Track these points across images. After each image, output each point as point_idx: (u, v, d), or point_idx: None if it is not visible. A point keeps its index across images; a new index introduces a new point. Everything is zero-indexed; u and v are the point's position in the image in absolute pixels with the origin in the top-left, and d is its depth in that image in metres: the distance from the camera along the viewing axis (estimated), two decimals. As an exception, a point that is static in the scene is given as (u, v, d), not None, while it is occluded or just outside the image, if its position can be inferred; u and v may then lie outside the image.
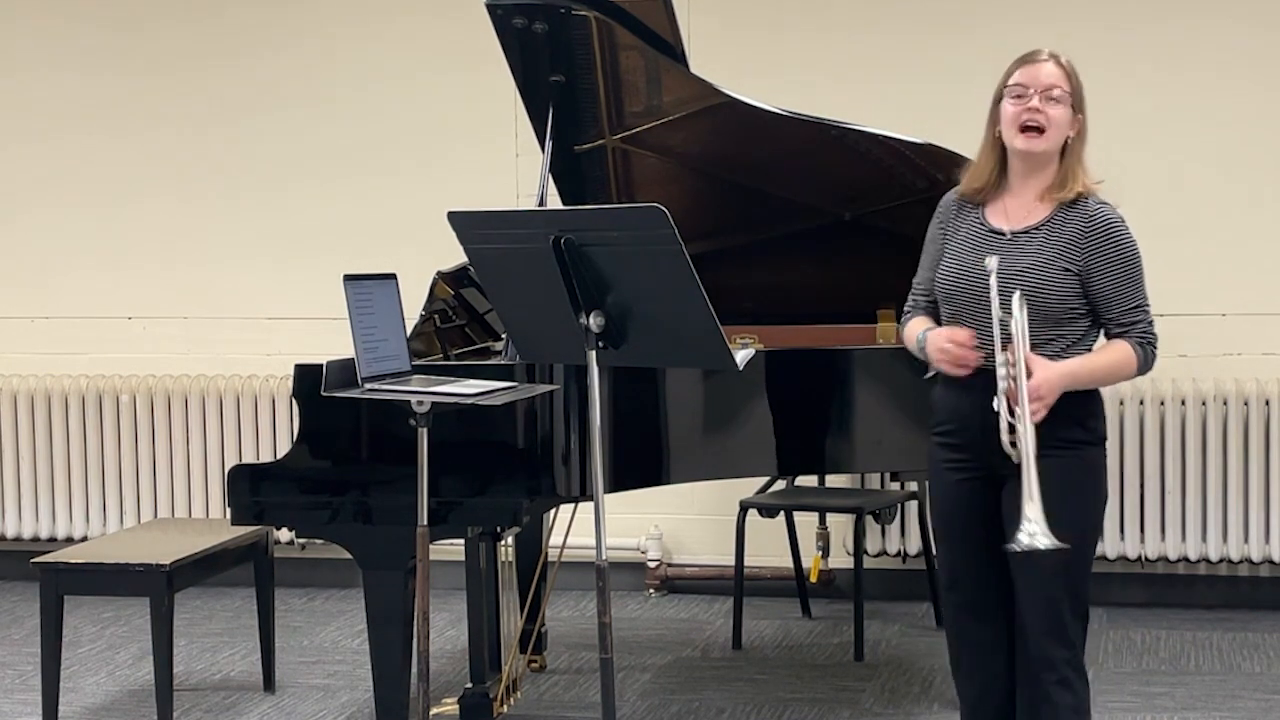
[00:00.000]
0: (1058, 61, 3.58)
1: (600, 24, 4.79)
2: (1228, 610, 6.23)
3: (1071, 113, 3.57)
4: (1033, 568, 3.52)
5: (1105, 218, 3.56)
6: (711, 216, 5.19)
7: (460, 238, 3.74)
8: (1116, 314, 3.56)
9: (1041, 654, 3.58)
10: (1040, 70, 3.56)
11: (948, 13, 6.35)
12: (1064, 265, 3.54)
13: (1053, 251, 3.55)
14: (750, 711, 5.14)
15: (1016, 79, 3.57)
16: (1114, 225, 3.56)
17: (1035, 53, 3.60)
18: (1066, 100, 3.55)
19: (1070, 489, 3.54)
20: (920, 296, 3.77)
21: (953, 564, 3.74)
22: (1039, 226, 3.57)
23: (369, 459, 4.39)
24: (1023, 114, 3.54)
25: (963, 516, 3.68)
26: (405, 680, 4.34)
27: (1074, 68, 3.59)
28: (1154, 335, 3.59)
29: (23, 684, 5.51)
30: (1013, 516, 3.54)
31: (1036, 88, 3.54)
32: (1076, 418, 3.55)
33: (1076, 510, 3.55)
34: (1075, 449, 3.56)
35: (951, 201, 3.74)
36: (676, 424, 4.59)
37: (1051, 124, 3.54)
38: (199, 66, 6.90)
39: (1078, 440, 3.56)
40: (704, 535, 6.61)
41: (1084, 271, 3.54)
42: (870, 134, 4.92)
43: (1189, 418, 6.17)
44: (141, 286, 6.98)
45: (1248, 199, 6.22)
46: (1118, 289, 3.55)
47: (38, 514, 6.97)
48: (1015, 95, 3.56)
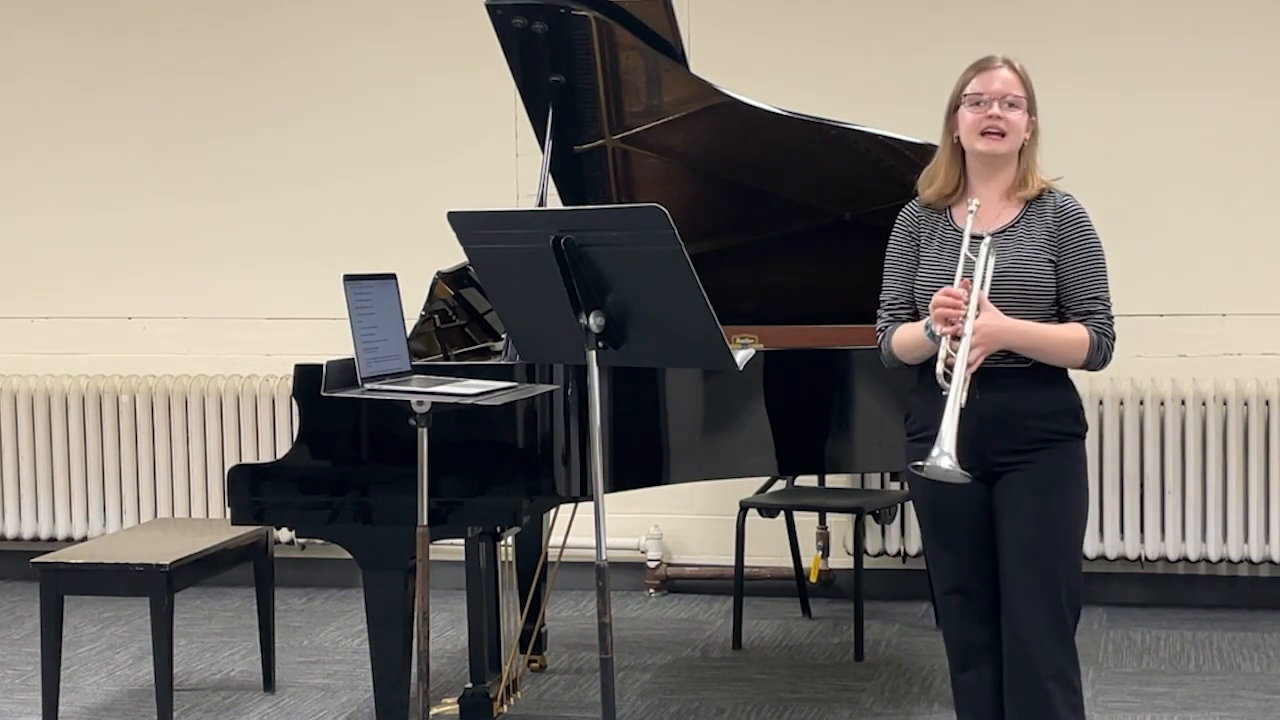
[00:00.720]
0: (1011, 67, 3.66)
1: (600, 24, 4.79)
2: (1228, 610, 6.23)
3: (1027, 116, 3.64)
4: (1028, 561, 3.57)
5: (1073, 208, 3.65)
6: (711, 216, 5.19)
7: (460, 238, 3.74)
8: (1075, 302, 3.61)
9: (1040, 649, 3.59)
10: (996, 77, 3.64)
11: (948, 13, 6.35)
12: (1047, 258, 3.61)
13: (1033, 247, 3.61)
14: (750, 711, 5.14)
15: (973, 87, 3.64)
16: (1080, 215, 3.65)
17: (989, 59, 3.68)
18: (1023, 104, 3.63)
19: (1065, 480, 3.62)
20: (899, 310, 3.75)
21: (945, 565, 3.75)
22: (1014, 225, 3.64)
23: (369, 459, 4.39)
24: (984, 120, 3.62)
25: (951, 516, 3.69)
26: (405, 680, 4.34)
27: (1027, 73, 3.67)
28: (1111, 330, 3.64)
29: (23, 684, 5.51)
30: (1019, 509, 3.58)
31: (993, 95, 3.61)
32: (1070, 411, 3.64)
33: (1070, 501, 3.63)
34: (1066, 441, 3.62)
35: (915, 211, 3.77)
36: (676, 424, 4.59)
37: (1011, 128, 3.62)
38: (199, 69, 6.90)
39: (1070, 433, 3.64)
40: (704, 535, 6.61)
41: (1056, 259, 3.62)
42: (870, 134, 4.93)
43: (1189, 418, 6.17)
44: (141, 286, 6.98)
45: (1248, 199, 6.21)
46: (1079, 277, 3.61)
47: (38, 514, 6.97)
48: (973, 103, 3.63)
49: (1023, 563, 3.59)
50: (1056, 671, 3.60)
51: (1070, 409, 3.64)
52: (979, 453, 3.57)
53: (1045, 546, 3.59)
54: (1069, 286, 3.61)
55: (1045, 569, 3.59)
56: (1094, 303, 3.61)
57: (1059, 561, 3.60)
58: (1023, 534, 3.59)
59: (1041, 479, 3.59)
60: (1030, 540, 3.59)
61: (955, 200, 3.70)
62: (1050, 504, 3.59)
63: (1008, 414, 3.58)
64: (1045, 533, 3.59)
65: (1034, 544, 3.59)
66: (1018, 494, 3.60)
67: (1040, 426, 3.58)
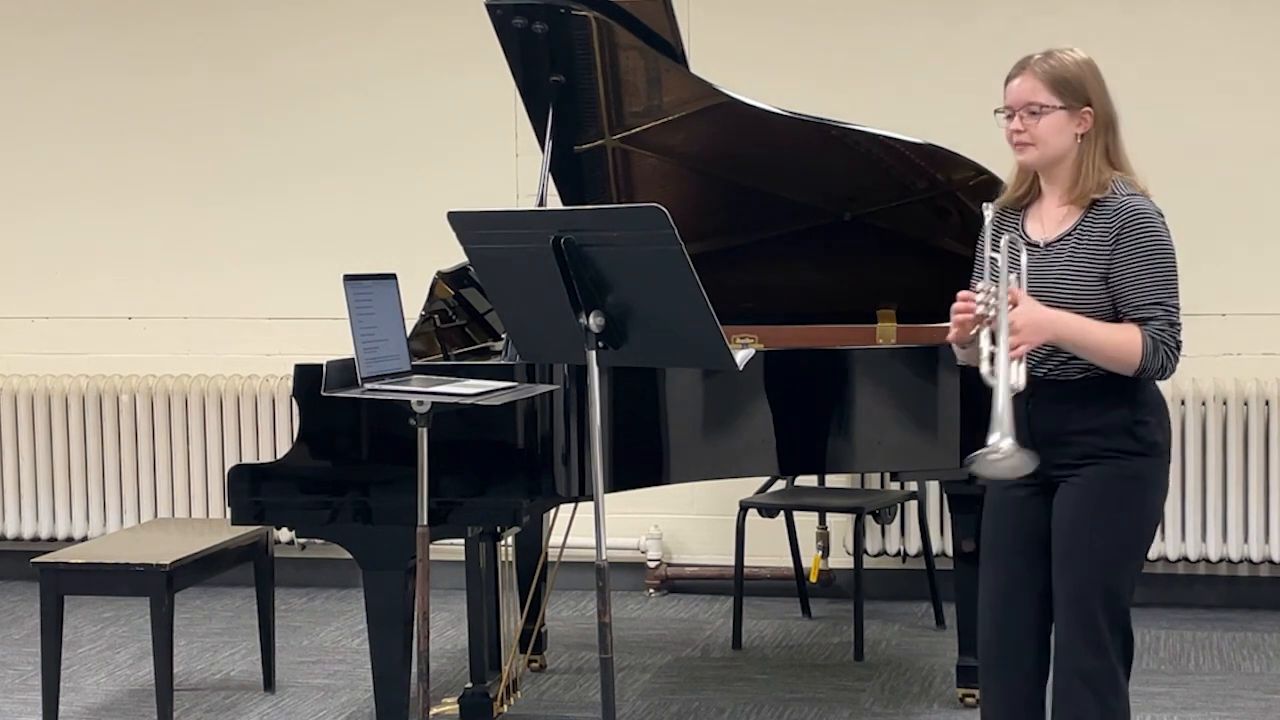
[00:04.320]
0: (1033, 72, 3.50)
1: (600, 24, 4.79)
2: (1228, 610, 6.23)
3: (1067, 114, 3.49)
4: (1072, 575, 3.47)
5: (1131, 208, 3.46)
6: (711, 216, 5.19)
7: (460, 238, 3.73)
8: (1131, 308, 3.42)
9: (1076, 664, 3.47)
10: (1011, 89, 3.52)
11: (949, 13, 6.35)
12: (1097, 273, 3.45)
13: (1083, 260, 3.46)
14: (750, 711, 5.14)
15: (1005, 99, 3.53)
16: (1140, 214, 3.45)
17: (1014, 67, 3.55)
18: (1051, 109, 3.48)
19: (1110, 495, 3.45)
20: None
21: (995, 571, 3.62)
22: (1070, 234, 3.50)
23: (369, 459, 4.39)
24: (1010, 134, 3.52)
25: (1010, 524, 3.58)
26: (405, 680, 4.34)
27: (1062, 67, 3.50)
28: (1172, 338, 3.44)
29: (23, 684, 5.51)
30: (1061, 520, 3.48)
31: (1015, 106, 3.51)
32: (1124, 425, 3.45)
33: (1110, 522, 3.46)
34: (1118, 459, 3.45)
35: (993, 214, 3.59)
36: (676, 424, 4.59)
37: (1038, 138, 3.49)
38: (198, 67, 6.90)
39: (1124, 450, 3.45)
40: (704, 535, 6.61)
41: (1108, 268, 3.45)
42: (870, 134, 4.92)
43: (1189, 418, 6.17)
44: (141, 286, 6.98)
45: (1248, 199, 6.21)
46: (1135, 279, 3.42)
47: (38, 514, 6.97)
48: (1006, 115, 3.53)
49: (1059, 574, 3.49)
50: (1095, 690, 3.45)
51: (1126, 425, 3.44)
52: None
53: (1078, 558, 3.45)
54: (1124, 292, 3.42)
55: (1078, 580, 3.46)
56: (1154, 308, 3.42)
57: (1094, 574, 3.44)
58: (1061, 545, 3.49)
59: (1087, 491, 3.44)
60: (1066, 551, 3.48)
61: (1029, 202, 3.59)
62: (1088, 519, 3.45)
63: (1055, 428, 3.46)
64: (1081, 545, 3.46)
65: (1069, 555, 3.47)
66: (1062, 506, 3.49)
67: (1089, 442, 3.44)
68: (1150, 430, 3.48)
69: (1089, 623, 3.46)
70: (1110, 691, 3.47)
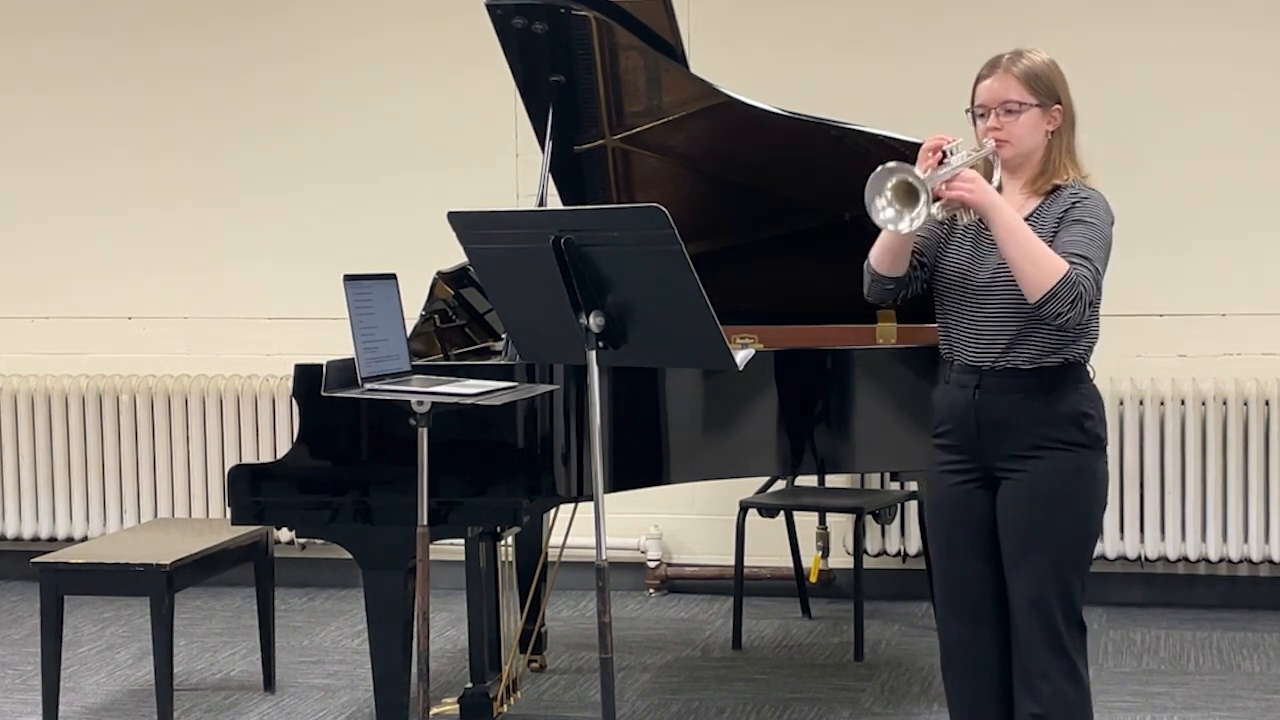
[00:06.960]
0: (1008, 72, 3.55)
1: (600, 24, 4.79)
2: (1228, 610, 6.23)
3: (1040, 111, 3.56)
4: (1028, 578, 3.52)
5: (1082, 195, 3.53)
6: (711, 216, 5.19)
7: (460, 238, 3.74)
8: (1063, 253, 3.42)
9: (1038, 665, 3.55)
10: (985, 88, 3.57)
11: (949, 13, 6.36)
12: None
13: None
14: (750, 711, 5.14)
15: (975, 99, 3.59)
16: (1088, 197, 3.53)
17: (984, 67, 3.60)
18: (1027, 107, 3.54)
19: (1059, 490, 3.53)
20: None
21: (947, 568, 3.71)
22: (1027, 219, 3.54)
23: (369, 459, 4.39)
24: (985, 132, 3.57)
25: (957, 520, 3.65)
26: (405, 680, 4.34)
27: (1033, 67, 3.55)
28: (1091, 286, 3.39)
29: (23, 684, 5.51)
30: (1012, 520, 3.55)
31: (991, 105, 3.56)
32: (1072, 417, 3.53)
33: (1063, 513, 3.54)
34: (1068, 450, 3.53)
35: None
36: (676, 424, 4.59)
37: (1014, 135, 3.55)
38: (199, 70, 6.90)
39: (1072, 441, 3.53)
40: (704, 535, 6.61)
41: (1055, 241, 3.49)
42: (870, 134, 4.92)
43: (1189, 418, 6.17)
44: (141, 286, 6.98)
45: (1248, 198, 6.21)
46: (1070, 233, 3.46)
47: (38, 514, 6.97)
48: (978, 115, 3.60)
49: (1015, 577, 3.56)
50: (1054, 689, 3.54)
51: (1074, 416, 3.53)
52: (979, 456, 3.58)
53: (1033, 561, 3.52)
54: (1061, 242, 3.44)
55: (1035, 583, 3.53)
56: (1082, 258, 3.41)
57: (1050, 577, 3.52)
58: (1015, 547, 3.56)
59: (1034, 488, 3.52)
60: (1021, 552, 3.54)
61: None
62: (1037, 514, 3.52)
63: (1006, 418, 3.53)
64: (1034, 547, 3.53)
65: (1024, 556, 3.54)
66: (1013, 506, 3.55)
67: (1038, 433, 3.51)
68: (1095, 424, 3.57)
69: (1048, 624, 3.54)
70: (1072, 685, 3.57)
